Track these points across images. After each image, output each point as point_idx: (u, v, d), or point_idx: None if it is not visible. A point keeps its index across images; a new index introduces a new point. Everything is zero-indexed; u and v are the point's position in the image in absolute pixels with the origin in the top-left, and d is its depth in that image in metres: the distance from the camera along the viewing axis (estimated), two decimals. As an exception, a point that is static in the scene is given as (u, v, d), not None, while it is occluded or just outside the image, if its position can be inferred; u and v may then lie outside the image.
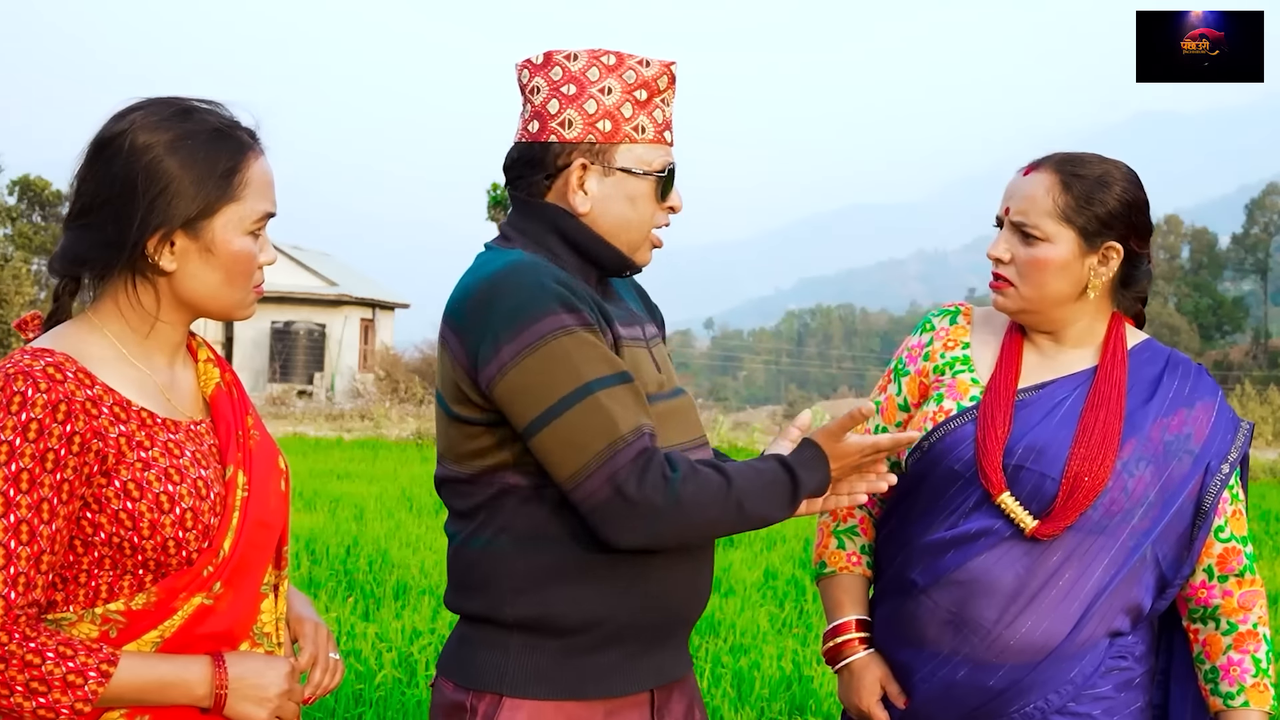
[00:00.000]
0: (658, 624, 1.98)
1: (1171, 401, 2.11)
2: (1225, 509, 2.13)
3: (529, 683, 1.93)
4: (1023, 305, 2.11)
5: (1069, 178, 2.06)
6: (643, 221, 2.02)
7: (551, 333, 1.83)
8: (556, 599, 1.92)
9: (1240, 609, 2.10)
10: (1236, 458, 2.13)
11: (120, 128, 1.66)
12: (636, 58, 2.01)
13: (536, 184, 2.01)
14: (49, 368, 1.58)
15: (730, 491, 1.87)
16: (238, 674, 1.68)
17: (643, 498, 1.82)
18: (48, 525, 1.55)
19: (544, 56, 2.02)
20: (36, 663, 1.54)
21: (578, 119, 1.98)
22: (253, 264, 1.73)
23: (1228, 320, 65.41)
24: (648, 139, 2.00)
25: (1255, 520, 12.07)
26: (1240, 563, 2.13)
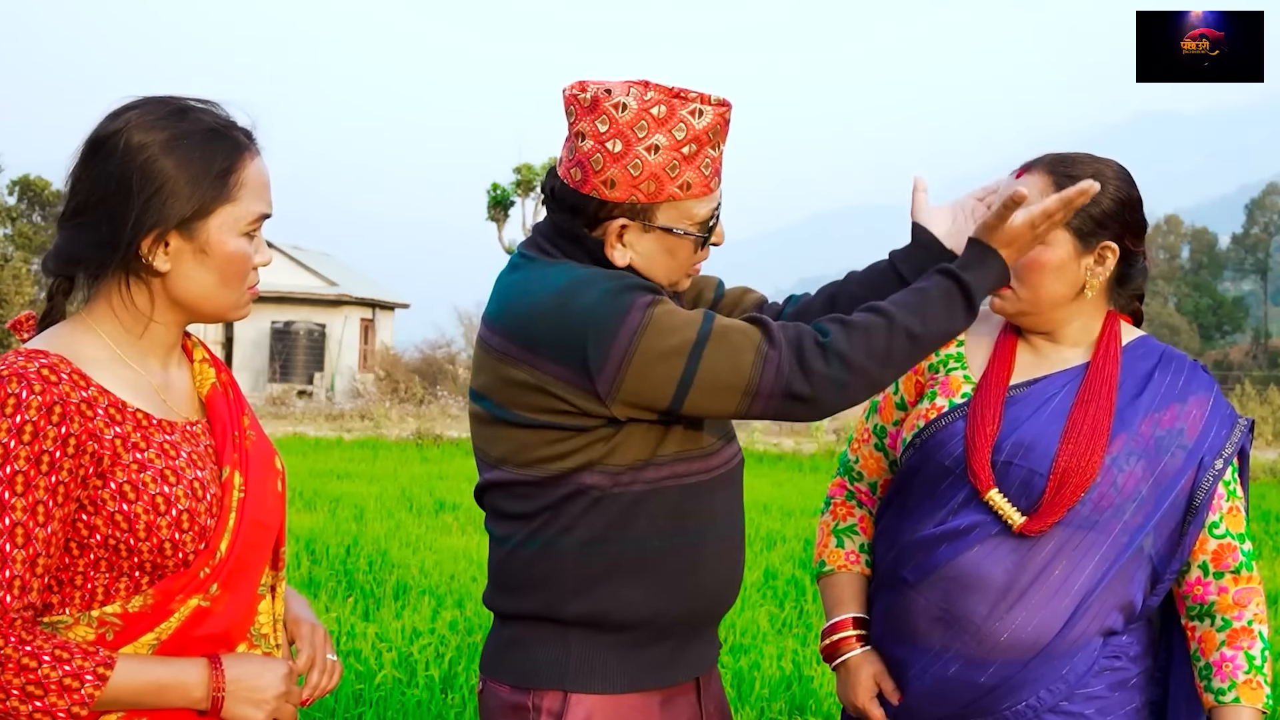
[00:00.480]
0: (702, 614, 2.04)
1: (1163, 397, 2.10)
2: (1220, 505, 2.12)
3: (591, 678, 1.96)
4: (1021, 308, 2.11)
5: (1062, 179, 2.05)
6: (681, 267, 2.03)
7: (642, 317, 1.87)
8: (614, 597, 1.95)
9: (1235, 605, 2.09)
10: (1231, 453, 2.12)
11: (115, 126, 1.65)
12: (689, 105, 1.92)
13: (576, 227, 1.99)
14: (43, 369, 1.57)
15: (894, 327, 1.89)
16: (235, 676, 1.67)
17: (812, 388, 1.87)
18: (43, 528, 1.54)
19: (593, 101, 1.93)
20: (33, 666, 1.53)
21: (621, 180, 1.92)
22: (247, 265, 1.72)
23: (1228, 320, 65.41)
24: (693, 195, 1.95)
25: (1255, 520, 12.07)
26: (1236, 559, 2.11)
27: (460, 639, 5.75)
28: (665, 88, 1.93)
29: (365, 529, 9.58)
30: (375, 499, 11.57)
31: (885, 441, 2.29)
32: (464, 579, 7.52)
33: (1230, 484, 2.12)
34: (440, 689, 4.97)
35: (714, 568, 2.02)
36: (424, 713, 4.74)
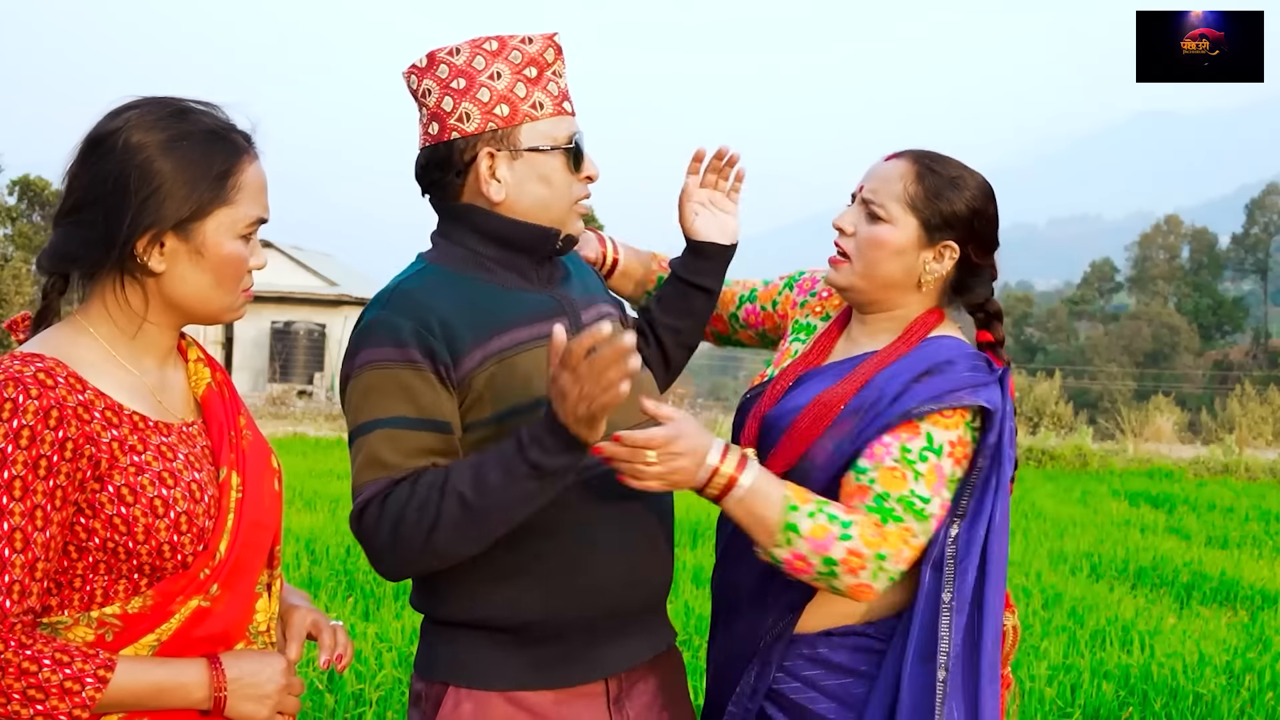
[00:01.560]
0: (600, 616, 1.99)
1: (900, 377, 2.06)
2: (880, 458, 2.00)
3: (476, 674, 1.97)
4: (852, 281, 2.16)
5: (925, 170, 2.13)
6: (561, 197, 2.03)
7: (363, 366, 1.91)
8: (491, 600, 1.96)
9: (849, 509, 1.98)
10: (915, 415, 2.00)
11: (114, 126, 1.64)
12: (518, 37, 2.02)
13: (450, 185, 2.03)
14: (39, 373, 1.56)
15: (446, 492, 1.81)
16: (235, 675, 1.67)
17: (369, 537, 1.88)
18: (41, 532, 1.54)
19: (427, 58, 2.02)
20: (33, 670, 1.53)
21: (474, 110, 1.98)
22: (243, 268, 1.71)
23: (1228, 320, 65.39)
24: (548, 113, 2.01)
25: (1255, 520, 12.07)
26: (864, 500, 1.98)
27: (460, 639, 5.74)
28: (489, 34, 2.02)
29: (365, 529, 9.57)
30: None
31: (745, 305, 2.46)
32: (464, 579, 7.52)
33: (909, 451, 2.00)
34: (440, 689, 4.97)
35: (605, 569, 1.97)
36: (424, 713, 4.73)
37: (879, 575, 1.96)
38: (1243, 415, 25.54)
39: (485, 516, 1.82)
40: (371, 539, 1.87)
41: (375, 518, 1.85)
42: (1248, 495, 14.50)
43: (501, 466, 1.81)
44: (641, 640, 2.07)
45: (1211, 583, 8.34)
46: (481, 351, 1.93)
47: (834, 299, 2.34)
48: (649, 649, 2.09)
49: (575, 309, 2.06)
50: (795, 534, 1.94)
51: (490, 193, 2.00)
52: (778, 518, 1.94)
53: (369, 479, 1.87)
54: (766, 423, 2.17)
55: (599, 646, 2.01)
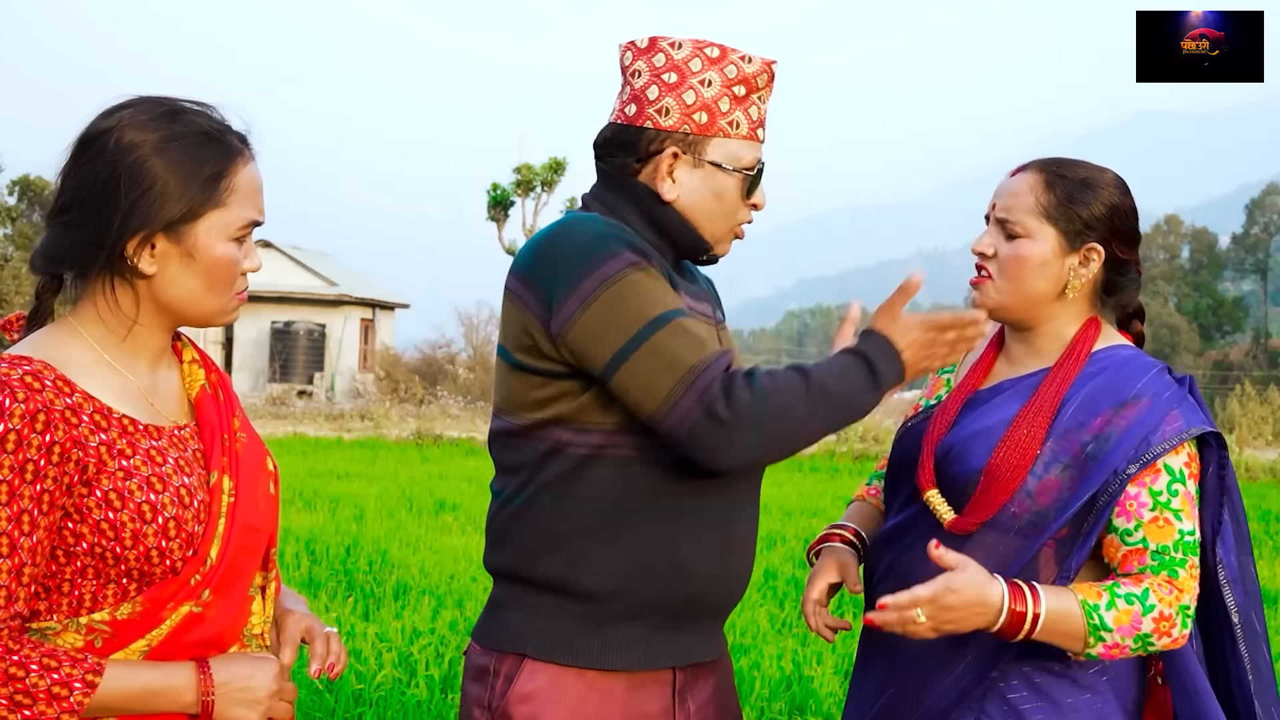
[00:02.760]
0: (682, 601, 2.00)
1: (1097, 404, 2.05)
2: (1138, 513, 1.99)
3: (552, 647, 1.96)
4: (1000, 301, 2.12)
5: (1053, 177, 2.09)
6: (727, 215, 2.07)
7: (621, 271, 1.88)
8: (582, 559, 1.95)
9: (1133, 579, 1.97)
10: (1151, 458, 1.99)
11: (107, 125, 1.63)
12: (740, 53, 2.04)
13: (626, 165, 2.06)
14: (26, 376, 1.54)
15: (810, 384, 1.88)
16: (224, 679, 1.65)
17: (734, 414, 1.84)
18: (28, 537, 1.52)
19: (649, 41, 2.05)
20: (20, 675, 1.51)
21: (675, 108, 2.01)
22: (235, 271, 1.70)
23: (1228, 320, 65.37)
24: (741, 135, 2.04)
25: (1255, 520, 12.06)
26: (1143, 562, 1.99)
27: (460, 639, 5.74)
28: (718, 42, 2.04)
29: (365, 529, 9.58)
30: (375, 499, 11.56)
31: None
32: (464, 579, 7.52)
33: (1159, 494, 1.99)
34: (440, 689, 4.97)
35: (698, 553, 1.98)
36: (424, 713, 4.73)
37: (1186, 623, 1.97)
38: (1243, 415, 25.53)
39: (840, 408, 1.90)
40: (742, 411, 1.83)
41: (748, 393, 1.84)
42: (1248, 495, 14.50)
43: (853, 368, 1.92)
44: (709, 639, 2.09)
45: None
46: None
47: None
48: (714, 650, 2.11)
49: (712, 304, 2.15)
50: (1106, 632, 1.93)
51: (663, 189, 2.03)
52: (1083, 627, 1.93)
53: (710, 353, 1.87)
54: (943, 449, 2.12)
55: (673, 634, 2.02)
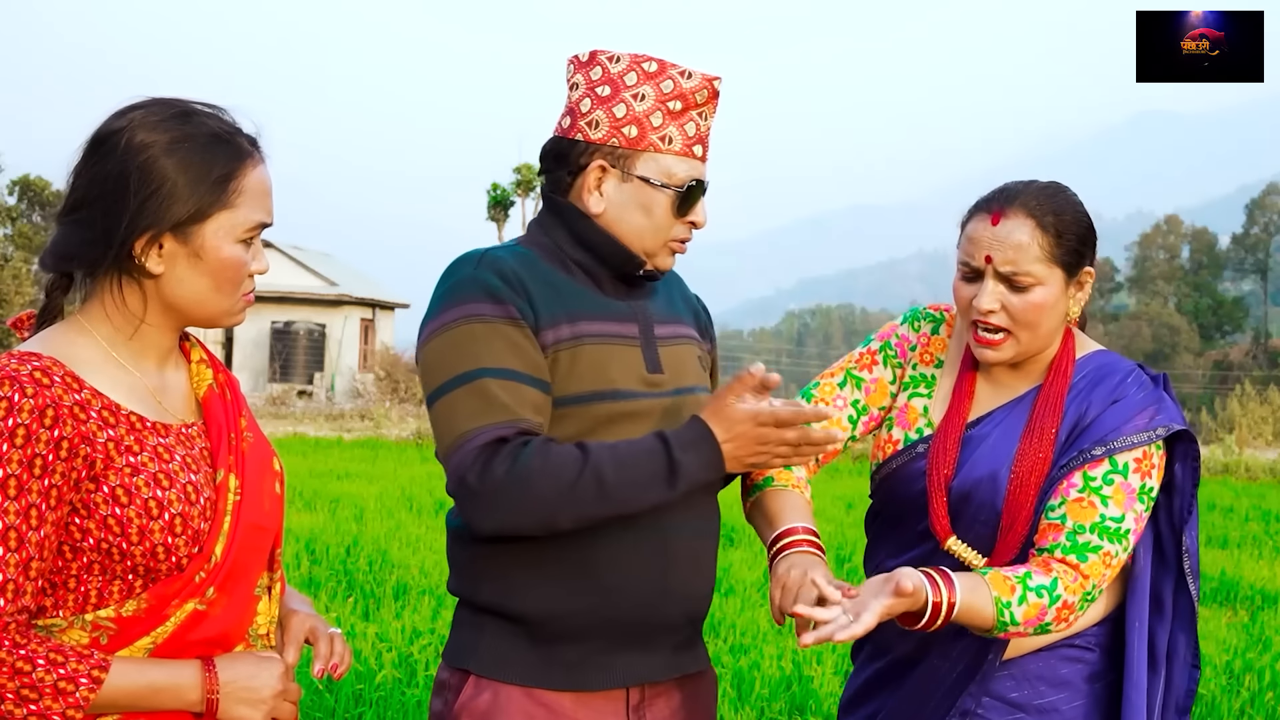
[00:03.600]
0: (620, 623, 1.98)
1: (1087, 417, 2.07)
2: (1066, 491, 2.01)
3: (496, 665, 1.98)
4: (1019, 351, 2.10)
5: (1042, 216, 2.05)
6: (657, 231, 2.04)
7: (454, 321, 1.93)
8: (518, 588, 1.97)
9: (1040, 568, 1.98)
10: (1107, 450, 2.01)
11: (119, 125, 1.64)
12: (679, 68, 2.01)
13: (560, 179, 2.06)
14: (36, 372, 1.56)
15: (584, 471, 1.85)
16: (229, 678, 1.66)
17: (483, 487, 1.85)
18: (36, 531, 1.53)
19: (590, 55, 2.05)
20: (27, 670, 1.52)
21: (605, 121, 2.00)
22: (242, 272, 1.70)
23: (1228, 320, 65.37)
24: (674, 150, 2.01)
25: (1255, 520, 12.06)
26: (1056, 539, 1.99)
27: (460, 639, 5.74)
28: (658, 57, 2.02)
29: (365, 529, 9.58)
30: (375, 499, 11.57)
31: (860, 419, 2.25)
32: (464, 579, 7.51)
33: (1093, 479, 2.01)
34: (440, 689, 4.96)
35: (630, 575, 1.96)
36: (424, 713, 4.74)
37: (1085, 606, 2.00)
38: (1243, 415, 25.55)
39: (611, 501, 1.86)
40: (494, 483, 1.84)
41: (505, 466, 1.84)
42: (1248, 495, 14.51)
43: (646, 459, 1.86)
44: (667, 657, 2.05)
45: (1212, 583, 8.33)
46: (553, 333, 1.96)
47: (937, 341, 2.26)
48: (674, 668, 2.06)
49: (649, 320, 2.08)
50: (1012, 624, 1.95)
51: (589, 204, 2.03)
52: (991, 617, 1.94)
53: (492, 420, 1.86)
54: (956, 495, 2.09)
55: (620, 654, 1.99)
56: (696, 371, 2.12)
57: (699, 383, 2.11)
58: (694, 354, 2.13)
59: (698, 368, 2.13)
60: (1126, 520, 2.00)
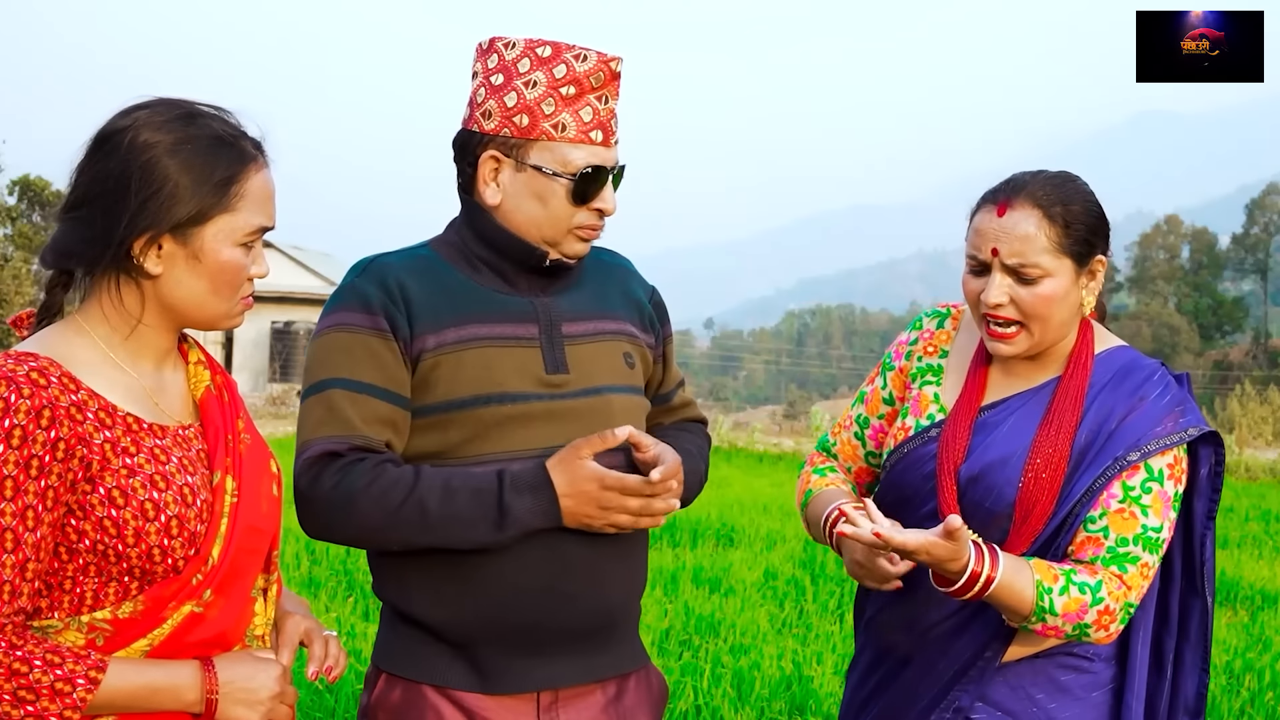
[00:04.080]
0: (519, 631, 1.96)
1: (1112, 416, 2.05)
2: (1107, 503, 2.00)
3: (405, 664, 2.00)
4: (1032, 344, 2.07)
5: (1050, 207, 2.02)
6: (556, 220, 1.99)
7: (326, 329, 1.96)
8: (414, 594, 1.98)
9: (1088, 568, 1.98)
10: (1140, 456, 2.00)
11: (124, 124, 1.64)
12: (575, 50, 1.96)
13: (463, 172, 2.04)
14: (32, 373, 1.56)
15: (409, 499, 1.87)
16: (228, 678, 1.66)
17: (311, 495, 1.90)
18: (32, 532, 1.53)
19: (489, 42, 2.02)
20: (24, 671, 1.52)
21: (496, 111, 1.97)
22: (241, 276, 1.70)
23: (1228, 320, 65.38)
24: (568, 137, 1.96)
25: (1255, 520, 12.05)
26: (1097, 551, 1.98)
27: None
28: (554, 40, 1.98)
29: (365, 529, 9.55)
30: (375, 499, 11.53)
31: (865, 433, 2.29)
32: (464, 579, 7.50)
33: (1132, 489, 2.00)
34: (440, 689, 4.96)
35: (523, 582, 1.93)
36: (424, 713, 4.73)
37: (1125, 618, 1.99)
38: (1243, 415, 25.55)
39: (435, 532, 1.88)
40: (319, 496, 1.89)
41: (333, 481, 1.88)
42: (1248, 495, 14.49)
43: (474, 496, 1.88)
44: (579, 663, 2.01)
45: (1211, 583, 8.32)
46: (436, 338, 1.95)
47: (941, 334, 2.25)
48: (585, 674, 2.02)
49: (553, 319, 2.03)
50: (1050, 614, 1.94)
51: (485, 195, 2.00)
52: (1031, 602, 1.94)
53: (330, 433, 1.90)
54: (966, 479, 2.08)
55: (523, 659, 1.97)
56: (616, 370, 2.06)
57: (619, 382, 2.05)
58: (617, 352, 2.07)
59: (620, 366, 2.07)
60: (1164, 530, 2.00)
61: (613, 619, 2.05)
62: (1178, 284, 66.30)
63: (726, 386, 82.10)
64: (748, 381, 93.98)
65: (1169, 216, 71.49)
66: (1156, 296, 65.49)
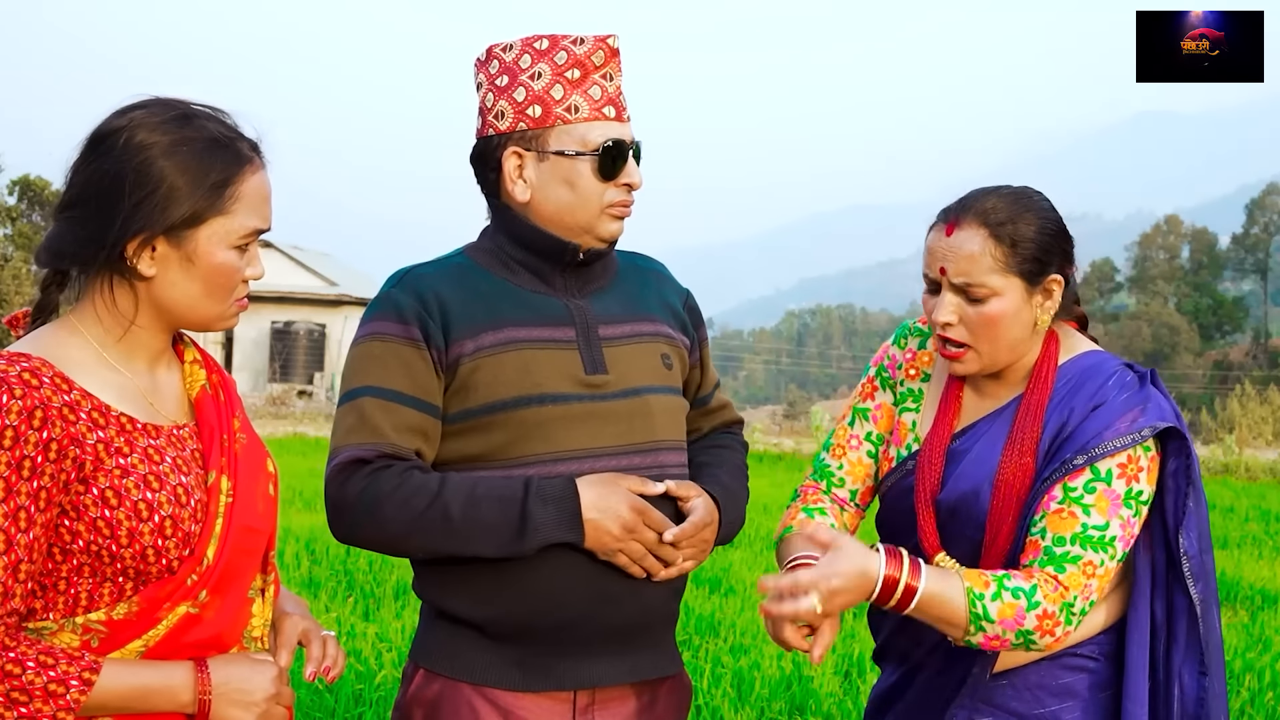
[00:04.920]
0: (561, 629, 1.97)
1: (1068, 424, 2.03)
2: (1045, 504, 1.98)
3: (444, 660, 2.01)
4: (983, 364, 2.07)
5: (995, 227, 2.01)
6: (587, 201, 2.01)
7: (362, 339, 1.99)
8: (452, 588, 1.99)
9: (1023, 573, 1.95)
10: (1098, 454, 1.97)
11: (119, 124, 1.63)
12: (570, 37, 2.00)
13: (488, 180, 2.07)
14: (24, 373, 1.55)
15: (432, 506, 1.89)
16: (221, 679, 1.65)
17: (340, 500, 1.93)
18: (25, 534, 1.52)
19: (486, 52, 2.04)
20: (17, 672, 1.51)
21: (509, 109, 1.99)
22: (235, 278, 1.70)
23: (1228, 320, 65.36)
24: (583, 117, 1.99)
25: (1255, 520, 12.05)
26: (1035, 554, 1.96)
27: (460, 639, 5.73)
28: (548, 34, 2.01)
29: (365, 529, 9.55)
30: (375, 499, 11.53)
31: (880, 449, 2.26)
32: (464, 579, 7.50)
33: (1073, 489, 1.97)
34: (440, 689, 4.96)
35: (562, 581, 1.94)
36: (423, 713, 4.73)
37: (1071, 620, 1.96)
38: (1243, 415, 25.54)
39: (457, 538, 1.90)
40: (347, 501, 1.92)
41: (360, 486, 1.91)
42: (1248, 495, 14.49)
43: (498, 504, 1.90)
44: (619, 662, 2.02)
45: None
46: (473, 343, 1.97)
47: (923, 355, 2.24)
48: (627, 673, 2.03)
49: (589, 321, 2.04)
50: (987, 622, 1.92)
51: (515, 193, 2.02)
52: (964, 610, 1.92)
53: (360, 440, 1.93)
54: (943, 509, 2.08)
55: (564, 658, 1.98)
56: (655, 371, 2.08)
57: (658, 383, 2.07)
58: (655, 353, 2.09)
59: (658, 367, 2.08)
60: (1111, 528, 1.96)
61: (654, 618, 2.06)
62: (1178, 284, 66.29)
63: (727, 386, 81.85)
64: (748, 381, 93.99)
65: (1169, 216, 71.45)
66: (1156, 296, 65.48)
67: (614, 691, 2.03)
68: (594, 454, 1.97)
